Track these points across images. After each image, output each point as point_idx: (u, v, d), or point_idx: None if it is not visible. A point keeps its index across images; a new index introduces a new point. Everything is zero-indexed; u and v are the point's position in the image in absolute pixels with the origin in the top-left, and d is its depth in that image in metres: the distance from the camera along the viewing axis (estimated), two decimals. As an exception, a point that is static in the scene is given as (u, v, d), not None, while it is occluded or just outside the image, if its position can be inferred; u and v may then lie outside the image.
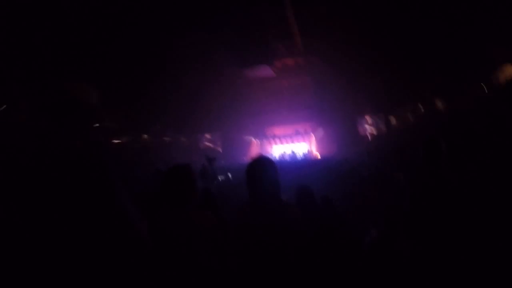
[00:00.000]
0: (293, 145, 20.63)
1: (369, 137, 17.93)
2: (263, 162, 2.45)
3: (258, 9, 13.21)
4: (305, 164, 13.69)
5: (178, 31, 13.20)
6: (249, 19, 13.63)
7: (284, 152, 19.93)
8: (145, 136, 16.73)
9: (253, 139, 21.41)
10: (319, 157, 18.40)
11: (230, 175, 13.30)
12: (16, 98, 10.18)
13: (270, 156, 3.17)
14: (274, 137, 21.28)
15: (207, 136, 21.17)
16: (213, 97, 18.62)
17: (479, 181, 3.04)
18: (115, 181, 1.55)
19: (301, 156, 19.26)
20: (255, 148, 21.00)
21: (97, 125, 1.79)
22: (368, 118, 18.34)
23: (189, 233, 2.15)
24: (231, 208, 3.96)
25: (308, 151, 19.90)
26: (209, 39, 14.89)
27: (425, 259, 2.75)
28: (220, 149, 20.51)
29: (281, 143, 21.02)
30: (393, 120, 17.65)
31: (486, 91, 11.98)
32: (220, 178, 12.49)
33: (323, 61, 17.67)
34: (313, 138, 20.34)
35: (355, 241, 3.55)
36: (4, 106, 10.13)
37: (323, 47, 16.32)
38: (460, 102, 12.95)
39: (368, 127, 18.34)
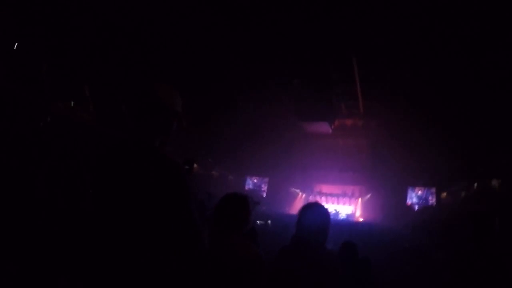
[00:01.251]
0: (337, 206, 20.23)
1: (417, 210, 17.32)
2: (319, 207, 2.54)
3: (326, 68, 13.53)
4: (347, 226, 13.38)
5: (247, 79, 13.77)
6: (316, 76, 13.94)
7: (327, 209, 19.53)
8: (195, 165, 17.14)
9: (299, 192, 21.27)
10: (361, 221, 17.92)
11: (269, 222, 13.23)
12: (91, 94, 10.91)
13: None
14: (320, 194, 20.96)
15: (255, 179, 21.31)
16: (268, 143, 18.89)
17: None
18: (191, 190, 1.63)
19: (344, 217, 18.82)
20: (299, 201, 20.77)
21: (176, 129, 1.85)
22: (418, 190, 17.80)
23: (234, 258, 2.20)
24: (266, 252, 4.01)
25: (352, 213, 19.42)
26: (274, 89, 15.35)
27: None
28: (264, 195, 20.50)
29: (326, 201, 20.62)
30: (444, 196, 17.02)
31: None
32: (259, 222, 12.46)
33: (381, 126, 17.60)
34: (359, 202, 19.88)
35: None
36: (73, 103, 10.80)
37: (384, 111, 16.30)
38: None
39: (418, 199, 17.76)
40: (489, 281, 2.67)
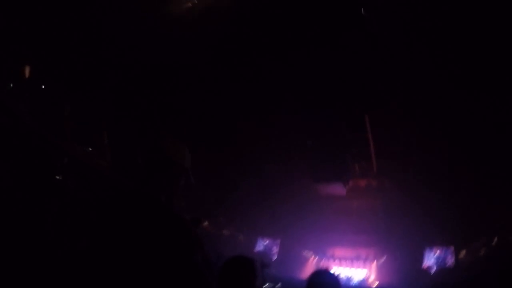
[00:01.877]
0: (350, 270, 19.55)
1: (435, 270, 16.60)
2: (329, 275, 2.44)
3: (340, 128, 13.66)
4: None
5: (262, 139, 13.97)
6: (330, 136, 14.06)
7: (339, 274, 18.89)
8: (206, 223, 16.93)
9: (311, 255, 20.67)
10: (375, 286, 17.23)
11: (279, 286, 12.83)
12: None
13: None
14: (333, 257, 20.36)
15: (267, 241, 20.88)
16: (280, 204, 18.71)
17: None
18: (196, 244, 1.59)
19: (356, 282, 18.11)
20: (311, 264, 20.19)
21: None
22: (436, 250, 17.14)
23: None
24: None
25: (365, 279, 18.67)
26: (288, 149, 15.45)
27: None
28: (275, 257, 19.99)
29: (340, 265, 19.99)
30: (462, 254, 16.36)
31: None
32: (268, 285, 12.06)
33: (395, 186, 17.38)
34: (373, 265, 19.18)
35: None
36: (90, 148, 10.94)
37: (398, 171, 16.18)
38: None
39: (435, 260, 17.05)
40: None
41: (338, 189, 15.72)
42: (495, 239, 14.38)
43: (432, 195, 15.03)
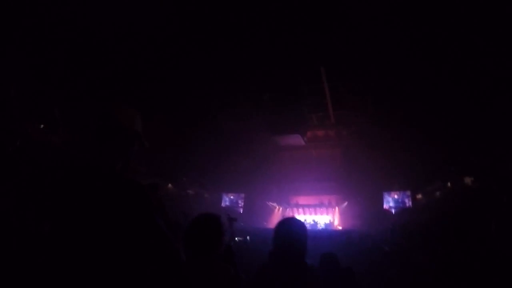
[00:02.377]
0: (315, 216, 20.33)
1: (394, 213, 17.59)
2: (295, 222, 2.50)
3: (296, 80, 13.68)
4: (326, 235, 13.42)
5: (221, 93, 13.77)
6: (286, 89, 14.07)
7: (305, 220, 19.62)
8: (170, 185, 16.92)
9: (275, 206, 21.27)
10: (340, 229, 18.06)
11: (248, 238, 13.15)
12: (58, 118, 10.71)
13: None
14: (297, 206, 21.05)
15: (232, 196, 21.21)
16: (241, 159, 18.89)
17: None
18: (155, 207, 1.59)
19: (322, 226, 18.89)
20: (276, 214, 20.78)
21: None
22: (394, 194, 18.11)
23: (208, 283, 2.14)
24: (246, 269, 3.95)
25: (330, 222, 19.53)
26: (246, 104, 15.37)
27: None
28: (241, 211, 20.41)
29: (304, 213, 20.72)
30: (419, 197, 17.36)
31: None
32: (237, 239, 12.35)
33: (353, 134, 17.87)
34: (336, 211, 20.02)
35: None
36: (42, 125, 10.62)
37: (355, 120, 16.57)
38: (489, 180, 12.71)
39: (394, 203, 18.05)
40: (473, 278, 2.69)
41: (296, 140, 15.98)
42: (449, 183, 15.19)
43: (388, 142, 15.55)
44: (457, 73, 10.83)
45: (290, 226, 2.46)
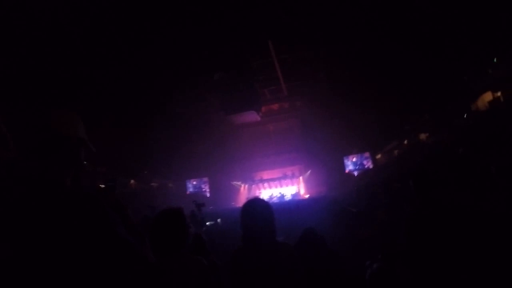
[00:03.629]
0: (281, 188, 20.59)
1: (357, 175, 18.11)
2: (258, 203, 2.47)
3: (244, 56, 13.55)
4: (294, 205, 13.62)
5: (170, 78, 13.39)
6: (235, 66, 13.92)
7: (272, 194, 19.87)
8: (132, 181, 16.61)
9: (240, 184, 21.37)
10: (307, 197, 18.41)
11: (219, 221, 13.13)
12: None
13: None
14: (262, 181, 21.24)
15: (195, 181, 21.09)
16: (200, 143, 18.71)
17: (471, 206, 3.02)
18: (111, 216, 1.49)
19: (289, 197, 19.19)
20: (243, 193, 20.91)
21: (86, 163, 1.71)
22: (352, 157, 18.62)
23: (181, 279, 2.09)
24: (222, 253, 3.93)
25: (296, 192, 19.85)
26: (197, 87, 15.11)
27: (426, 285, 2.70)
28: (208, 195, 20.38)
29: (269, 187, 20.96)
30: (379, 157, 17.93)
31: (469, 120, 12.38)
32: (208, 223, 12.32)
33: (307, 104, 18.05)
34: (301, 180, 20.37)
35: (352, 277, 3.53)
36: None
37: (307, 90, 16.70)
38: (443, 132, 13.24)
39: (353, 166, 18.57)
40: (438, 227, 2.75)
41: (252, 116, 15.95)
42: (405, 141, 15.72)
43: (342, 107, 15.76)
44: (401, 27, 10.98)
45: (253, 208, 2.43)
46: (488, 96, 12.93)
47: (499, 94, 12.43)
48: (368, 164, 18.18)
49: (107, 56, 10.92)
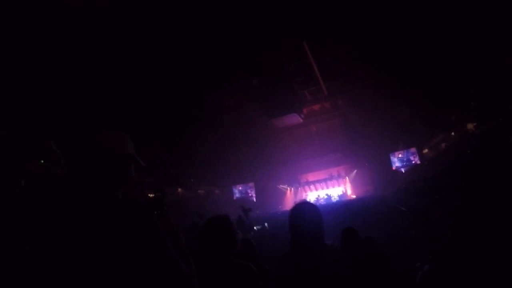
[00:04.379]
0: (327, 190, 20.34)
1: (404, 172, 17.62)
2: (306, 206, 2.45)
3: (281, 61, 13.61)
4: (341, 206, 13.45)
5: (209, 87, 13.64)
6: (274, 71, 14.02)
7: (318, 196, 19.67)
8: (180, 189, 16.98)
9: (287, 187, 21.32)
10: (354, 197, 18.10)
11: (266, 225, 13.20)
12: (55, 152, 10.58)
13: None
14: (308, 183, 21.09)
15: (240, 187, 21.24)
16: (244, 149, 18.86)
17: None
18: (162, 234, 1.54)
19: (336, 198, 18.93)
20: (289, 196, 20.86)
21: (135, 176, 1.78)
22: (400, 153, 18.10)
23: (230, 285, 2.11)
24: (270, 257, 3.93)
25: (343, 193, 19.55)
26: (238, 94, 15.32)
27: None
28: (254, 199, 20.46)
29: (316, 189, 20.77)
30: (426, 151, 17.33)
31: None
32: (256, 228, 12.41)
33: (349, 102, 17.76)
34: (347, 180, 20.05)
35: (403, 277, 3.43)
36: (42, 161, 10.52)
37: (347, 88, 16.47)
38: (492, 120, 12.62)
39: (400, 163, 18.05)
40: (492, 224, 2.61)
41: (294, 119, 15.92)
42: (452, 132, 15.11)
43: (384, 103, 15.38)
44: (444, 11, 10.60)
45: (302, 212, 2.42)
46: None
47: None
48: (415, 159, 17.61)
49: (152, 74, 11.32)
